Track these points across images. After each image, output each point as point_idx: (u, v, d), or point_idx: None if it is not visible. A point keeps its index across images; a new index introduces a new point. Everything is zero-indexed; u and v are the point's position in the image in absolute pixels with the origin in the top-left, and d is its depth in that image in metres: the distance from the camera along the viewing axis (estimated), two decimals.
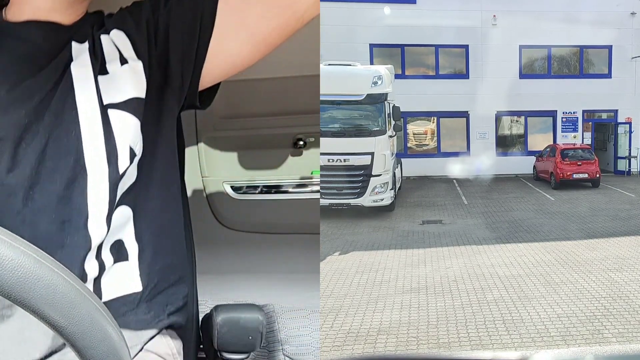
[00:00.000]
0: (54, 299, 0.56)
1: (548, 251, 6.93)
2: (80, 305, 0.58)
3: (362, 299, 5.22)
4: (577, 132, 15.31)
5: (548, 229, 8.35)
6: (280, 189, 3.37)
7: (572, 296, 5.19)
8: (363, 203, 9.38)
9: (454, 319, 4.69)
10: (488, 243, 7.47)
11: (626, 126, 15.30)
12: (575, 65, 15.52)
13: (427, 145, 15.56)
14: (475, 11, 14.45)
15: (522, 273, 5.99)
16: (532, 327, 4.49)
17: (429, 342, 4.27)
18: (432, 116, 15.32)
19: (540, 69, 15.52)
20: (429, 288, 5.54)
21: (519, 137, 15.77)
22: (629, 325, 4.51)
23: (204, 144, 3.24)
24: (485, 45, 14.67)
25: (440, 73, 15.08)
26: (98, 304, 0.62)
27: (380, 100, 9.50)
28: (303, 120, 3.12)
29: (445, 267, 6.32)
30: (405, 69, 14.84)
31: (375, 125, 9.48)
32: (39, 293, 0.55)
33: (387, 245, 7.49)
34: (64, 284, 0.57)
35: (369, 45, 14.48)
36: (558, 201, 11.04)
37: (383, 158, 9.43)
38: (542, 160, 13.77)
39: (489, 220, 9.19)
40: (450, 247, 7.27)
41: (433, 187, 13.13)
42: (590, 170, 12.60)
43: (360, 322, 4.67)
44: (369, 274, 6.07)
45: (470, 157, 14.90)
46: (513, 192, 12.36)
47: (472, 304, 5.06)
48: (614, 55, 15.13)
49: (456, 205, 10.68)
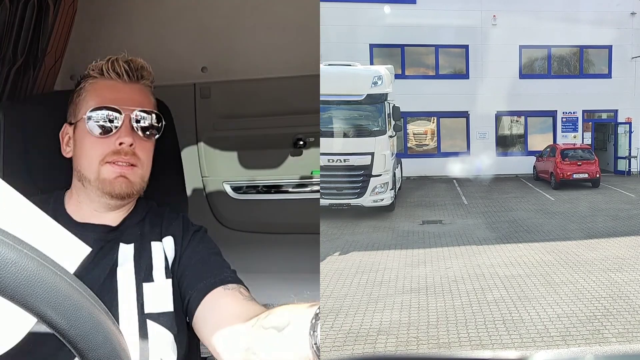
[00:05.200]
0: (57, 301, 0.56)
1: (548, 251, 6.92)
2: (82, 308, 0.58)
3: (362, 299, 5.22)
4: (577, 132, 15.30)
5: (548, 229, 8.34)
6: (280, 189, 3.37)
7: (572, 296, 5.19)
8: (363, 203, 9.37)
9: (454, 319, 4.69)
10: (488, 243, 7.47)
11: (626, 126, 15.29)
12: (575, 65, 15.51)
13: (427, 145, 15.54)
14: (475, 11, 14.44)
15: (522, 273, 5.98)
16: (532, 327, 4.48)
17: (429, 342, 4.27)
18: (432, 116, 15.31)
19: (540, 69, 15.51)
20: (429, 288, 5.54)
21: (519, 137, 15.76)
22: (629, 325, 4.51)
23: (204, 143, 3.24)
24: (485, 45, 14.66)
25: (440, 73, 15.07)
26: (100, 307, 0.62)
27: (380, 101, 9.50)
28: (303, 120, 3.12)
29: (445, 267, 6.31)
30: (405, 69, 14.82)
31: (375, 126, 9.48)
32: (41, 295, 0.55)
33: (387, 245, 7.48)
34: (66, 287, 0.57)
35: (369, 45, 14.47)
36: (558, 201, 11.03)
37: (383, 158, 9.43)
38: (542, 160, 13.76)
39: (489, 220, 9.18)
40: (451, 247, 7.27)
41: (433, 187, 13.13)
42: (591, 170, 12.59)
43: (360, 322, 4.66)
44: (369, 274, 6.06)
45: (470, 157, 14.88)
46: (513, 192, 12.35)
47: (472, 304, 5.05)
48: (614, 55, 15.11)
49: (456, 205, 10.67)
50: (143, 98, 1.77)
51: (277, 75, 3.03)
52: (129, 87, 1.74)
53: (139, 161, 1.70)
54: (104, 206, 1.71)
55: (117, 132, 1.66)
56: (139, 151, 1.70)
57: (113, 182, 1.65)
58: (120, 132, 1.66)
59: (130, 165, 1.67)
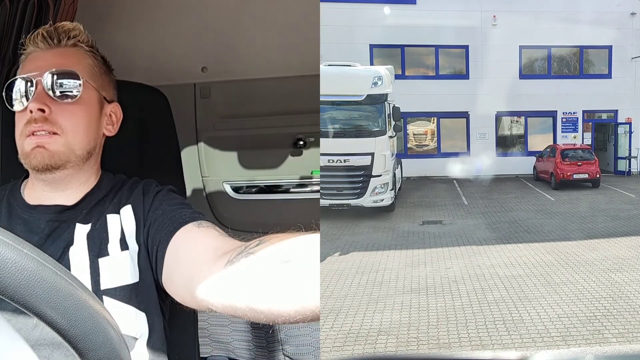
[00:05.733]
0: (57, 301, 0.56)
1: (548, 251, 6.92)
2: (82, 308, 0.58)
3: (362, 300, 5.22)
4: (577, 133, 15.30)
5: (548, 229, 8.34)
6: (280, 189, 3.36)
7: (573, 296, 5.19)
8: (363, 203, 9.37)
9: (454, 320, 4.69)
10: (488, 243, 7.47)
11: (626, 126, 15.29)
12: (575, 66, 15.51)
13: (427, 146, 15.55)
14: (475, 11, 14.44)
15: (523, 273, 5.98)
16: (533, 328, 4.48)
17: (429, 343, 4.27)
18: (432, 116, 15.31)
19: (540, 69, 15.51)
20: (429, 288, 5.54)
21: (519, 137, 15.76)
22: (630, 325, 4.51)
23: (204, 143, 3.24)
24: (485, 46, 14.66)
25: (440, 73, 15.07)
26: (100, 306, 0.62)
27: (381, 101, 9.50)
28: (303, 120, 3.12)
29: (445, 267, 6.31)
30: (405, 70, 14.83)
31: (375, 126, 9.48)
32: (41, 295, 0.55)
33: (387, 245, 7.48)
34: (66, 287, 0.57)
35: (369, 45, 14.47)
36: (558, 201, 11.03)
37: (383, 158, 9.43)
38: (542, 161, 13.76)
39: (489, 220, 9.18)
40: (451, 248, 7.27)
41: (433, 187, 13.13)
42: (591, 171, 12.60)
43: (360, 322, 4.66)
44: (369, 274, 6.06)
45: (470, 157, 14.88)
46: (513, 192, 12.35)
47: (473, 304, 5.05)
48: (614, 56, 15.11)
49: (456, 206, 10.67)
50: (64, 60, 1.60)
51: (277, 75, 3.03)
52: (49, 53, 1.60)
53: (60, 128, 1.54)
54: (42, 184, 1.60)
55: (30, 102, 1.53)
56: (59, 117, 1.54)
57: (30, 153, 1.52)
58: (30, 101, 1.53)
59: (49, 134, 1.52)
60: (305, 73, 2.95)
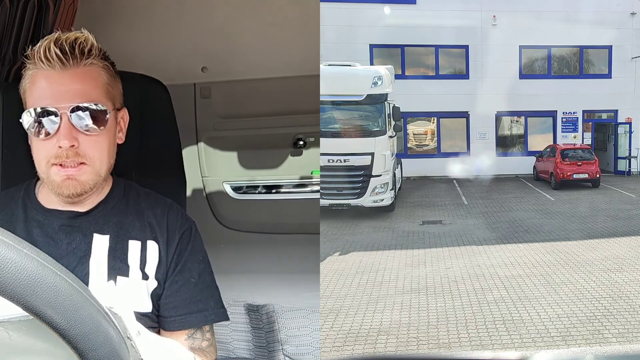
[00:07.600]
0: (57, 301, 0.56)
1: (548, 251, 6.92)
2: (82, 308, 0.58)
3: (362, 299, 5.22)
4: (577, 133, 15.31)
5: (548, 229, 8.34)
6: (280, 189, 3.36)
7: (572, 296, 5.19)
8: (363, 203, 9.38)
9: (454, 320, 4.69)
10: (488, 243, 7.47)
11: (626, 126, 15.30)
12: (575, 66, 15.52)
13: (427, 146, 15.56)
14: (475, 11, 14.45)
15: (522, 273, 5.99)
16: (533, 328, 4.49)
17: (429, 343, 4.27)
18: (432, 116, 15.32)
19: (540, 69, 15.52)
20: (429, 288, 5.54)
21: (519, 137, 15.77)
22: (629, 325, 4.51)
23: (204, 143, 3.23)
24: (485, 46, 14.67)
25: (440, 73, 15.08)
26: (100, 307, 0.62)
27: (380, 101, 9.51)
28: (303, 120, 3.12)
29: (445, 267, 6.31)
30: (405, 69, 14.83)
31: (375, 126, 9.48)
32: (42, 296, 0.55)
33: (387, 245, 7.49)
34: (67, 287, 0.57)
35: (369, 45, 14.48)
36: (558, 201, 11.04)
37: (383, 158, 9.44)
38: (542, 161, 13.77)
39: (489, 220, 9.18)
40: (451, 248, 7.27)
41: (433, 187, 13.13)
42: (591, 171, 12.60)
43: (360, 322, 4.67)
44: (369, 274, 6.06)
45: (470, 157, 14.90)
46: (513, 192, 12.35)
47: (472, 304, 5.05)
48: (614, 55, 15.13)
49: (456, 206, 10.68)
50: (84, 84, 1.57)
51: (277, 75, 3.03)
52: (66, 74, 1.55)
53: (89, 158, 1.56)
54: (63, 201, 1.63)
55: (56, 134, 1.53)
56: (87, 148, 1.56)
57: (61, 184, 1.55)
58: (59, 135, 1.53)
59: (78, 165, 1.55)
60: (305, 73, 2.95)
